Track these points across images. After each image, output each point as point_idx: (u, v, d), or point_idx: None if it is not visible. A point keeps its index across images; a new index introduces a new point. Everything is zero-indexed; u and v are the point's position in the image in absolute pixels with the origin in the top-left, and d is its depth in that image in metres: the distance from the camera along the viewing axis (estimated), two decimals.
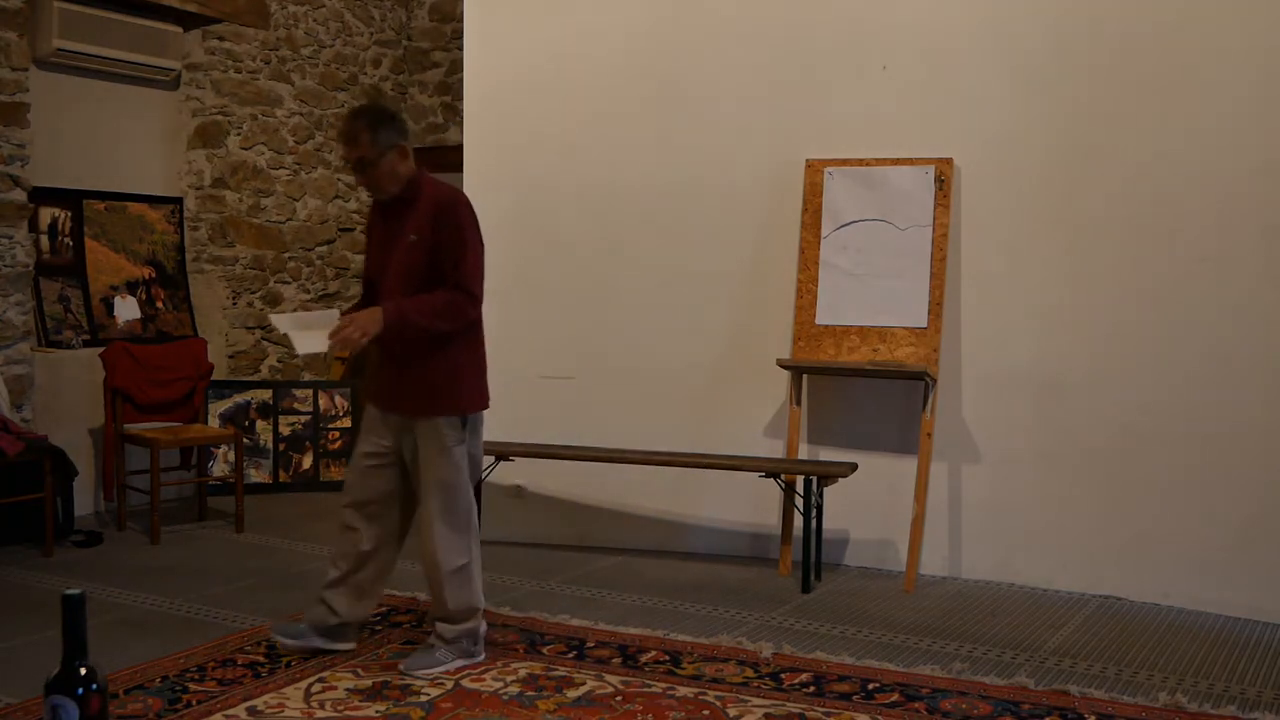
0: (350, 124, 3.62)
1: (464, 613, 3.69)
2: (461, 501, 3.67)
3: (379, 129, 3.57)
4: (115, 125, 6.42)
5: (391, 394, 3.66)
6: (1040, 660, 3.91)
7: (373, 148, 3.55)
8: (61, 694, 1.85)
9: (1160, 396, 4.63)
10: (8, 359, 5.57)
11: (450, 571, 3.64)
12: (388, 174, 3.60)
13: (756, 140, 5.23)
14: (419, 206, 3.61)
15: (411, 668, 3.63)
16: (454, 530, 3.65)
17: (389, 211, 3.69)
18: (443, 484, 3.62)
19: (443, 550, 3.63)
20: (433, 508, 3.62)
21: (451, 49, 7.93)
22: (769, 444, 5.24)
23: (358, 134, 3.57)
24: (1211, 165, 4.53)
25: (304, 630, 3.77)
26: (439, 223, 3.57)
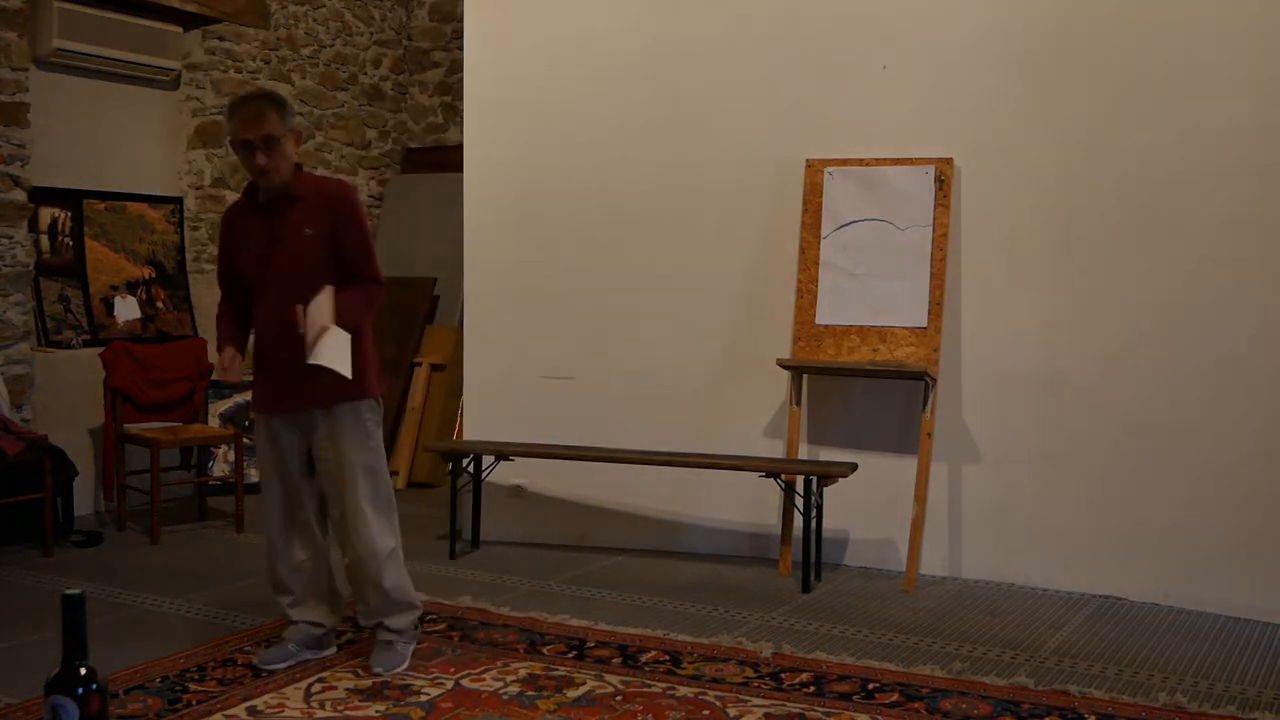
0: (256, 104, 3.56)
1: (404, 603, 3.69)
2: (384, 484, 3.67)
3: (284, 110, 3.57)
4: (115, 125, 6.43)
5: (301, 392, 3.57)
6: (1040, 660, 3.91)
7: (280, 126, 3.52)
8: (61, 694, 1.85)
9: (1160, 396, 4.63)
10: (8, 359, 5.57)
11: (386, 555, 3.63)
12: (286, 157, 3.56)
13: (756, 140, 5.23)
14: (307, 200, 3.58)
15: (387, 667, 3.62)
16: (381, 513, 3.64)
17: (268, 208, 3.61)
18: (368, 469, 3.61)
19: (376, 534, 3.61)
20: (360, 493, 3.59)
21: (451, 49, 7.93)
22: (769, 444, 5.24)
23: (266, 112, 3.52)
24: (1212, 165, 4.53)
25: (291, 650, 3.75)
26: (336, 215, 3.57)
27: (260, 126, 3.49)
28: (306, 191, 3.60)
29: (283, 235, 3.58)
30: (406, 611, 3.71)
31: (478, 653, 3.87)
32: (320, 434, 3.61)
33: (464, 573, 4.97)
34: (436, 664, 3.75)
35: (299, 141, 3.62)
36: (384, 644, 3.69)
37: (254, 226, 3.65)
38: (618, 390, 5.43)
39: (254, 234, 3.65)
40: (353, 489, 3.59)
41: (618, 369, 5.43)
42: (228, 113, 3.61)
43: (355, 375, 3.53)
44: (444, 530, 5.44)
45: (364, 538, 3.60)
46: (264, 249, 3.60)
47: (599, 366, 5.45)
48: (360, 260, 3.59)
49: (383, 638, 3.70)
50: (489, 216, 5.59)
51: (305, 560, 3.74)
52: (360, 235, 3.60)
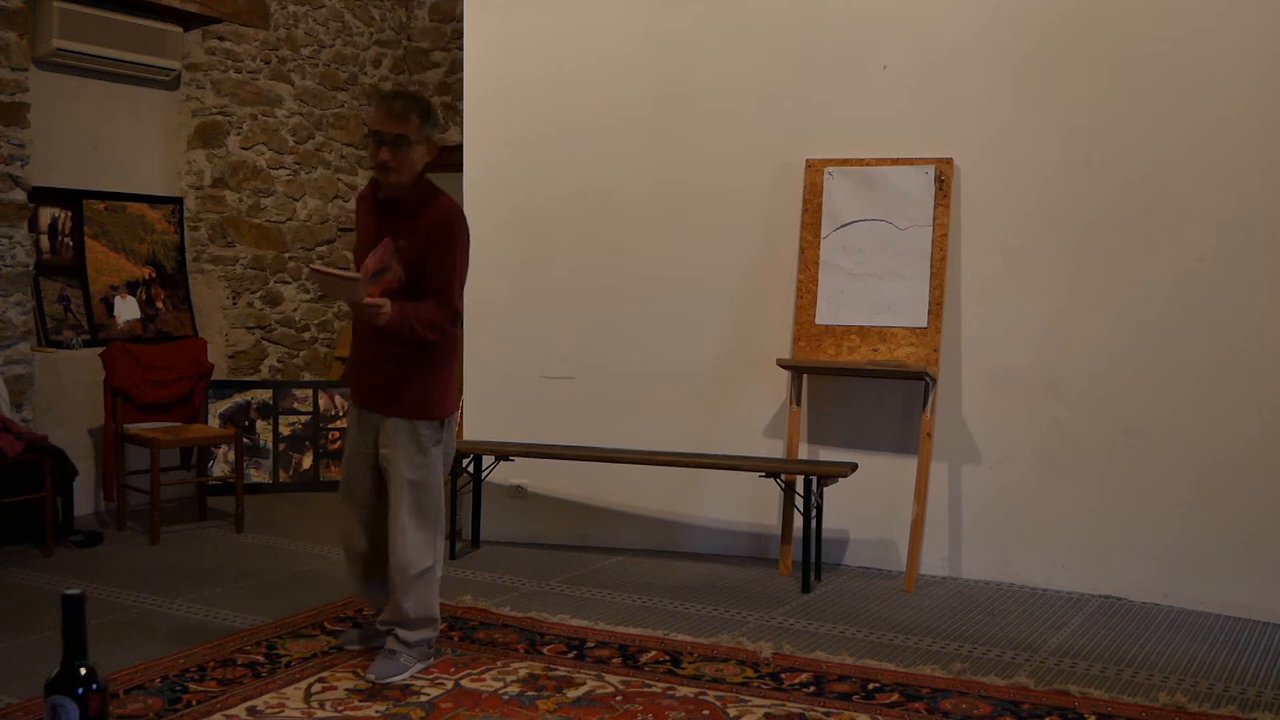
0: (402, 102, 3.58)
1: (423, 620, 3.68)
2: (432, 502, 3.68)
3: (427, 118, 3.60)
4: (115, 125, 6.42)
5: (372, 392, 3.69)
6: (1040, 660, 3.91)
7: (418, 131, 3.54)
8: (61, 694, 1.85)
9: (1160, 396, 4.63)
10: (8, 359, 5.56)
11: (416, 574, 3.63)
12: (411, 162, 3.56)
13: (756, 140, 5.23)
14: (417, 213, 3.58)
15: (381, 675, 3.58)
16: (423, 530, 3.65)
17: (386, 210, 3.65)
18: (415, 484, 3.63)
19: (411, 550, 3.62)
20: (404, 507, 3.61)
21: (451, 49, 7.93)
22: (769, 444, 5.24)
23: (408, 113, 3.54)
24: (1212, 165, 4.53)
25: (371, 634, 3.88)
26: (433, 237, 3.56)
27: (396, 124, 3.50)
28: (415, 204, 3.60)
29: (384, 236, 3.61)
30: (422, 629, 3.69)
31: (478, 653, 3.87)
32: (382, 440, 3.67)
33: (464, 573, 4.97)
34: (436, 664, 3.75)
35: (431, 152, 3.62)
36: (389, 652, 3.67)
37: (368, 220, 3.72)
38: (618, 390, 5.43)
39: (367, 230, 3.71)
40: (398, 501, 3.62)
41: (618, 369, 5.43)
42: (378, 100, 3.60)
43: (420, 395, 3.62)
44: (444, 530, 5.43)
45: (399, 550, 3.62)
46: (369, 243, 3.64)
47: (599, 366, 5.45)
48: (441, 287, 3.57)
49: (390, 646, 3.68)
50: (489, 217, 5.58)
51: (368, 552, 3.79)
52: (446, 262, 3.57)
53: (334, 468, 6.86)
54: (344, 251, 7.74)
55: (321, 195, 7.55)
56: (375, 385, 3.67)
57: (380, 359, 3.63)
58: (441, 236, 3.57)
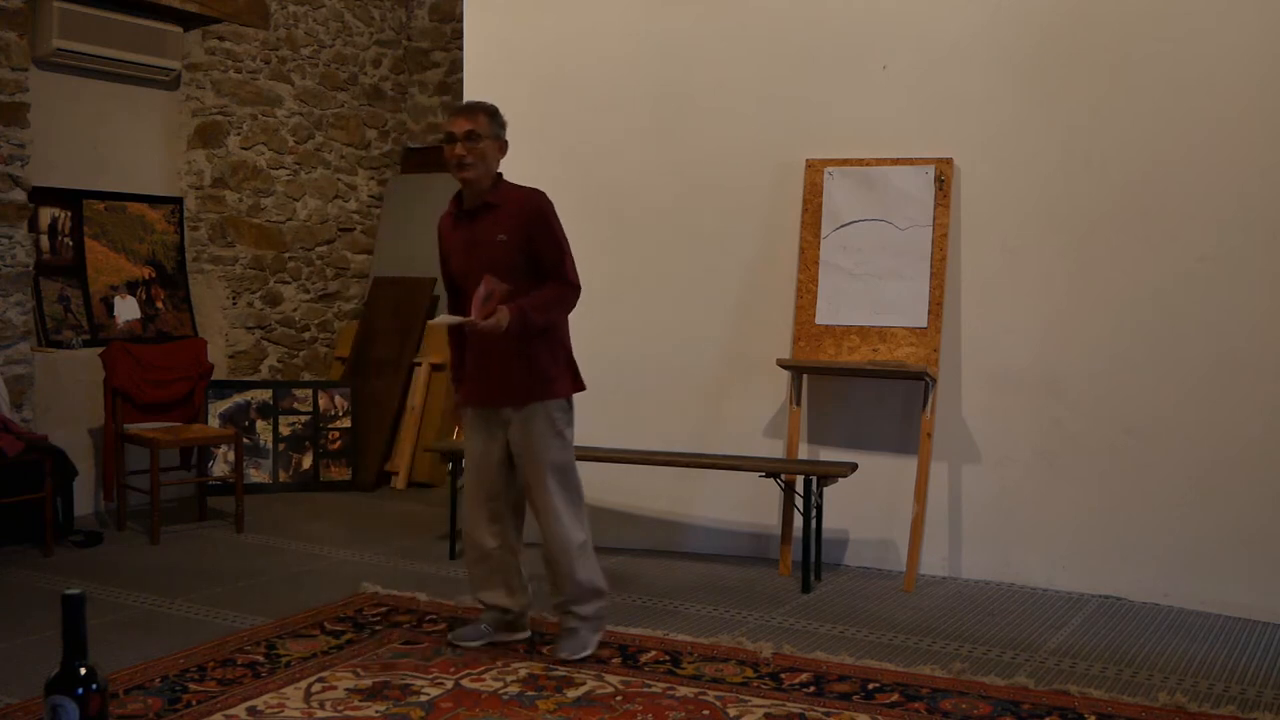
0: (472, 105, 3.84)
1: (593, 591, 3.86)
2: (575, 480, 3.87)
3: (496, 117, 3.81)
4: (115, 125, 6.43)
5: (498, 389, 3.79)
6: (1040, 660, 3.91)
7: (488, 127, 3.75)
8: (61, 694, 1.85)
9: (1160, 396, 4.63)
10: (8, 359, 5.56)
11: (577, 547, 3.82)
12: (485, 159, 3.75)
13: (756, 140, 5.23)
14: (504, 209, 3.77)
15: (573, 652, 3.78)
16: (573, 507, 3.84)
17: (470, 216, 3.82)
18: (558, 465, 3.80)
19: (568, 528, 3.80)
20: (551, 489, 3.78)
21: (451, 49, 7.93)
22: (769, 444, 5.24)
23: (477, 111, 3.78)
24: (1212, 165, 4.53)
25: (485, 630, 3.95)
26: (534, 223, 3.76)
27: (467, 122, 3.74)
28: (503, 200, 3.79)
29: (481, 241, 3.77)
30: (594, 600, 3.87)
31: (478, 653, 3.87)
32: (515, 432, 3.80)
33: (464, 573, 4.96)
34: (436, 664, 3.75)
35: (502, 152, 3.82)
36: (569, 630, 3.85)
37: (459, 233, 3.87)
38: (618, 390, 5.41)
39: (459, 241, 3.86)
40: (544, 486, 3.78)
41: (618, 369, 5.41)
42: (450, 111, 3.76)
43: (546, 375, 3.78)
44: (444, 530, 5.44)
45: (556, 533, 3.80)
46: (466, 255, 3.81)
47: (599, 366, 5.42)
48: (554, 265, 3.77)
49: (569, 624, 3.86)
50: None
51: (494, 549, 3.90)
52: (553, 241, 3.78)
53: (334, 468, 6.87)
54: (343, 251, 7.74)
55: (321, 195, 7.55)
56: (497, 381, 3.79)
57: (498, 354, 3.74)
58: (541, 219, 3.77)
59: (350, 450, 6.92)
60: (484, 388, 3.83)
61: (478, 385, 3.84)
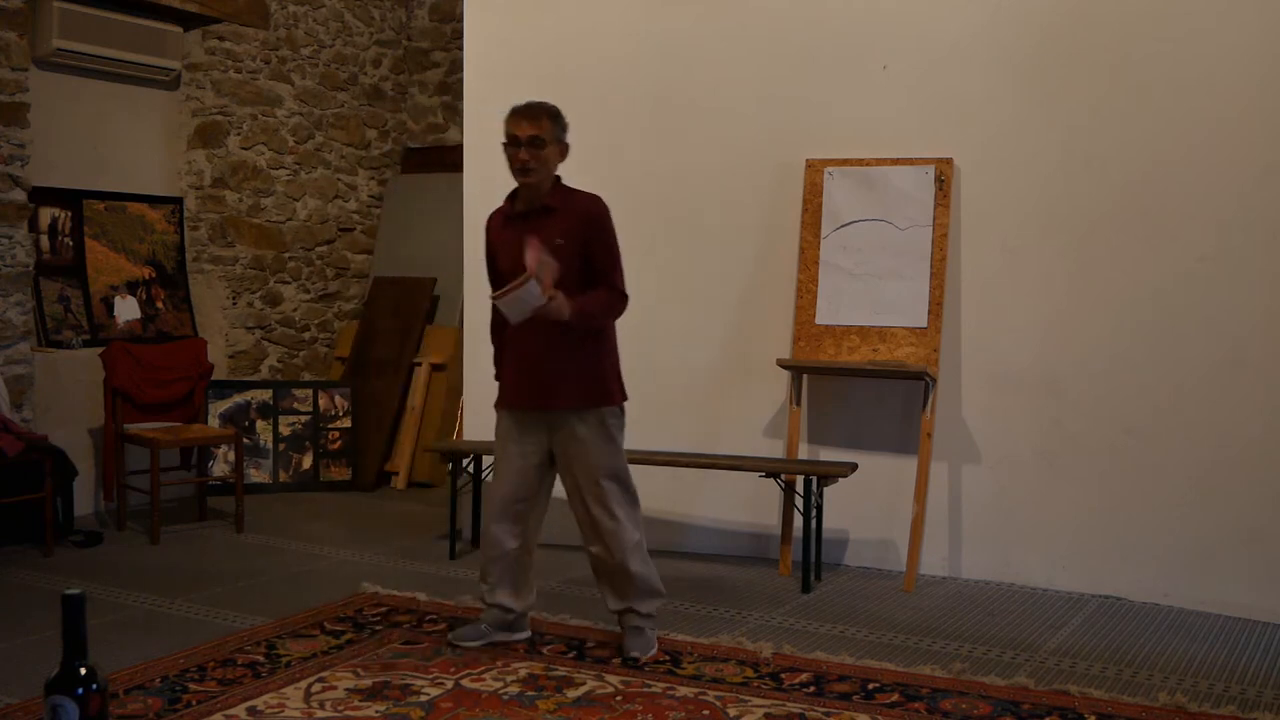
0: (534, 107, 3.79)
1: (653, 591, 3.89)
2: (629, 483, 3.86)
3: (559, 120, 3.80)
4: (115, 125, 6.43)
5: (547, 389, 3.77)
6: (1040, 660, 3.91)
7: (551, 132, 3.75)
8: (61, 694, 1.85)
9: (1160, 396, 4.63)
10: (8, 359, 5.56)
11: (633, 548, 3.82)
12: (546, 162, 3.75)
13: (756, 140, 5.23)
14: (563, 213, 3.76)
15: (643, 650, 3.81)
16: (629, 511, 3.85)
17: (525, 217, 3.80)
18: (614, 470, 3.81)
19: (626, 530, 3.81)
20: (610, 494, 3.79)
21: (451, 49, 7.93)
22: (769, 444, 5.24)
23: (541, 115, 3.76)
24: (1212, 165, 4.53)
25: (485, 630, 3.94)
26: (592, 228, 3.76)
27: (531, 126, 3.72)
28: (562, 203, 3.79)
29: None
30: (653, 598, 3.90)
31: (478, 653, 3.87)
32: (563, 435, 3.79)
33: (464, 573, 4.97)
34: (436, 664, 3.75)
35: (563, 154, 3.81)
36: (635, 629, 3.86)
37: (509, 233, 3.83)
38: None
39: (511, 241, 3.79)
40: (601, 492, 3.78)
41: None
42: (510, 111, 3.81)
43: (601, 382, 3.79)
44: (444, 530, 5.44)
45: (614, 535, 3.80)
46: (519, 255, 3.71)
47: None
48: (606, 271, 3.78)
49: (633, 624, 3.87)
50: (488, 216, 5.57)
51: (513, 549, 3.89)
52: (609, 249, 3.79)
53: (334, 468, 6.87)
54: (343, 251, 7.74)
55: (321, 195, 7.55)
56: (545, 384, 3.76)
57: (547, 356, 3.74)
58: (598, 225, 3.78)
59: (350, 450, 6.92)
60: (534, 390, 3.80)
61: (525, 387, 3.82)
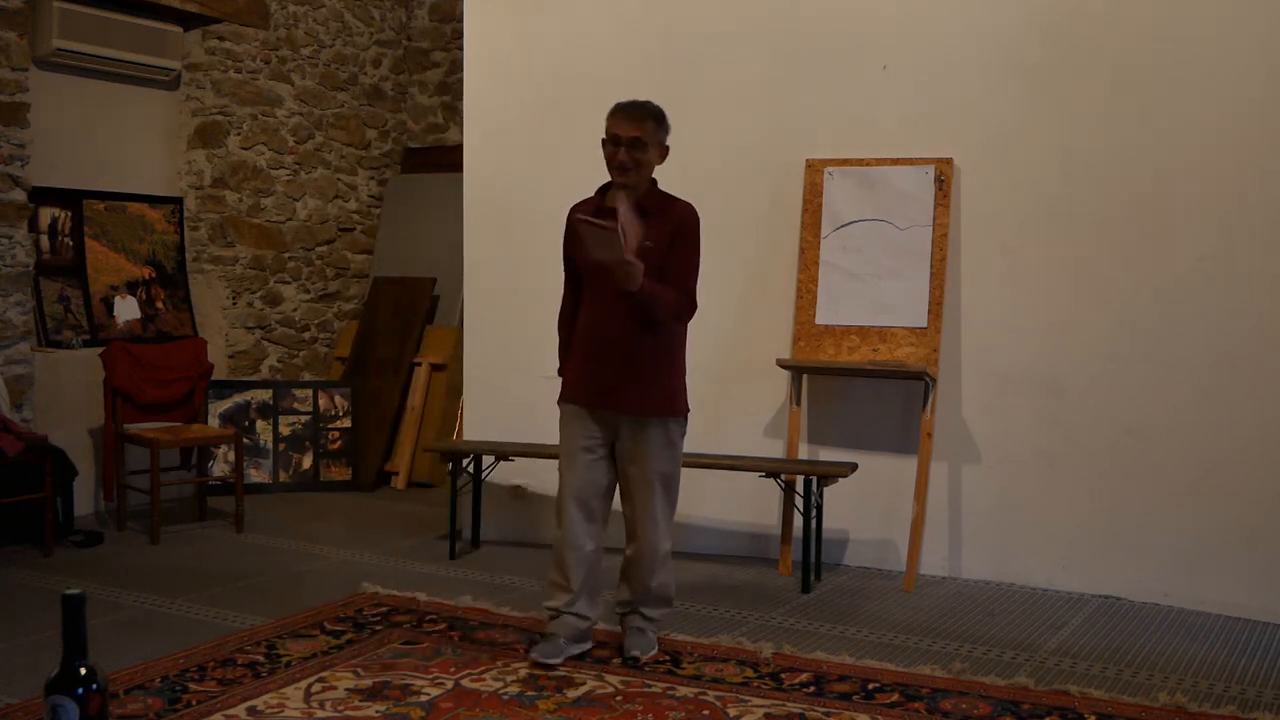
0: (639, 109, 3.75)
1: (666, 598, 3.93)
2: (676, 492, 3.88)
3: (662, 123, 3.77)
4: (115, 125, 6.42)
5: (617, 394, 3.74)
6: (1040, 660, 3.91)
7: (653, 135, 3.73)
8: (61, 694, 1.85)
9: (1160, 395, 4.63)
10: (8, 359, 5.56)
11: (663, 555, 3.84)
12: (647, 164, 3.74)
13: (756, 140, 5.23)
14: (656, 217, 3.73)
15: (644, 650, 3.82)
16: (668, 518, 3.86)
17: (615, 215, 3.69)
18: (666, 476, 3.81)
19: (662, 535, 3.83)
20: (656, 497, 3.79)
21: (451, 49, 7.93)
22: (769, 444, 5.24)
23: (645, 117, 3.73)
24: (1212, 165, 4.53)
25: (562, 645, 3.80)
26: (680, 235, 3.75)
27: (634, 127, 3.70)
28: (657, 207, 3.77)
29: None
30: (663, 606, 3.95)
31: (478, 653, 3.87)
32: (625, 437, 3.78)
33: (464, 573, 4.97)
34: (436, 664, 3.75)
35: (662, 156, 3.79)
36: (637, 630, 3.88)
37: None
38: None
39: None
40: (649, 495, 3.79)
41: None
42: (614, 107, 3.79)
43: (670, 395, 3.80)
44: (444, 530, 5.44)
45: (649, 539, 3.82)
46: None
47: None
48: (682, 277, 3.75)
49: (636, 624, 3.90)
50: (489, 216, 5.59)
51: (592, 550, 3.87)
52: (691, 257, 3.78)
53: (334, 468, 6.87)
54: (343, 251, 7.74)
55: (321, 195, 7.55)
56: (615, 385, 3.74)
57: (620, 354, 3.73)
58: (688, 234, 3.78)
59: (350, 450, 6.92)
60: (597, 387, 3.77)
61: (596, 384, 3.78)
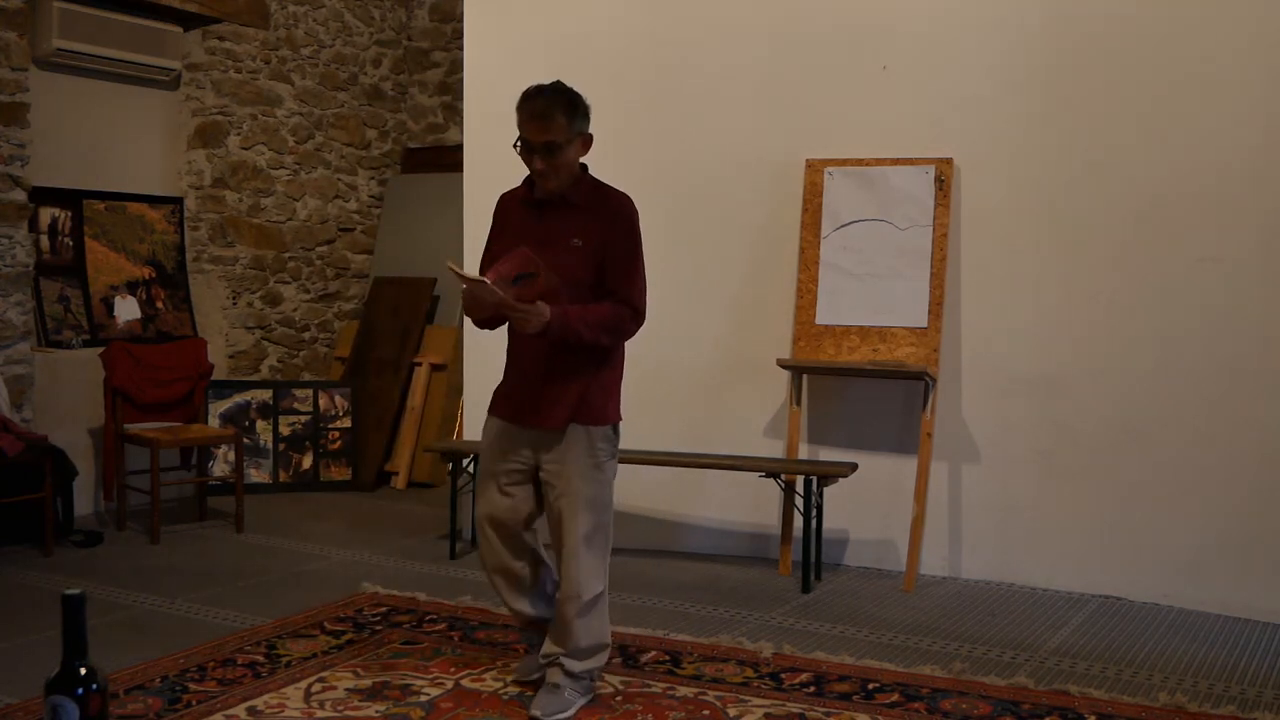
0: (546, 103, 3.26)
1: (593, 649, 3.38)
2: (607, 522, 3.37)
3: (576, 112, 3.29)
4: (115, 125, 6.42)
5: (535, 406, 3.32)
6: (1040, 660, 3.91)
7: (566, 131, 3.25)
8: (61, 694, 1.85)
9: (1160, 395, 4.63)
10: (8, 359, 5.56)
11: (588, 600, 3.30)
12: (568, 164, 3.29)
13: (756, 140, 5.23)
14: (585, 210, 3.31)
15: (547, 712, 3.27)
16: (597, 554, 3.33)
17: (542, 206, 3.35)
18: (592, 501, 3.30)
19: (585, 575, 3.29)
20: (579, 528, 3.28)
21: (451, 49, 7.93)
22: (769, 444, 5.24)
23: (554, 114, 3.24)
24: (1212, 165, 4.53)
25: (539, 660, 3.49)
26: (614, 232, 3.31)
27: (543, 131, 3.22)
28: (585, 200, 3.33)
29: (549, 241, 3.27)
30: (590, 659, 3.38)
31: (478, 653, 3.87)
32: (549, 456, 3.32)
33: (464, 573, 4.97)
34: (436, 664, 3.75)
35: (586, 146, 3.34)
36: (551, 686, 3.35)
37: (522, 223, 3.38)
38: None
39: (520, 231, 3.35)
40: (573, 526, 3.28)
41: None
42: (520, 100, 3.30)
43: (591, 397, 3.32)
44: (444, 530, 5.44)
45: (571, 578, 3.30)
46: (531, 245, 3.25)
47: None
48: (622, 282, 3.29)
49: (553, 679, 3.36)
50: (489, 216, 5.56)
51: (520, 567, 3.45)
52: (630, 257, 3.32)
53: (334, 468, 6.87)
54: (344, 251, 7.74)
55: (321, 195, 7.55)
56: (536, 396, 3.31)
57: (543, 368, 3.30)
58: (623, 231, 3.32)
59: (350, 450, 6.92)
60: (517, 400, 3.37)
61: (512, 394, 3.40)
